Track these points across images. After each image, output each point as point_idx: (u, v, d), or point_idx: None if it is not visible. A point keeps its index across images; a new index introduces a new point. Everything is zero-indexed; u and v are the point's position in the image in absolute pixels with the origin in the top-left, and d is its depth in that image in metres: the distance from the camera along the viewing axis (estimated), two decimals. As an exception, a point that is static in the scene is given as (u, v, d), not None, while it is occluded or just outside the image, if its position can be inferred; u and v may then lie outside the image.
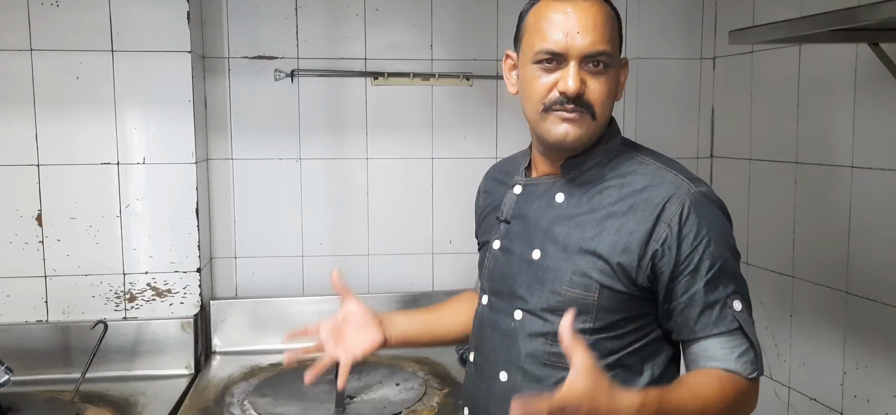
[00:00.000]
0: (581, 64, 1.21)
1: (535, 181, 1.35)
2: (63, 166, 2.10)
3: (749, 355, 1.21)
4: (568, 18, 1.21)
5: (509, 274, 1.33)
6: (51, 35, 2.06)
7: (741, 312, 1.21)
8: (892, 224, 1.75)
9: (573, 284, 1.24)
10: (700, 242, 1.20)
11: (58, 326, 2.11)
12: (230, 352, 2.28)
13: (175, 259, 2.18)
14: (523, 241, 1.32)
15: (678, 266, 1.20)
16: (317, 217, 2.40)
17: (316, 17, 2.34)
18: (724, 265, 1.21)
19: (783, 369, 2.14)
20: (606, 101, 1.25)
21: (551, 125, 1.24)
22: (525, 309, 1.29)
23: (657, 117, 2.44)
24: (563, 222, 1.28)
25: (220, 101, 2.32)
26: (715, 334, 1.21)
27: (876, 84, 1.76)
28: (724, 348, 1.21)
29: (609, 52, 1.22)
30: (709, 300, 1.21)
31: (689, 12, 2.43)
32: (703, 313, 1.21)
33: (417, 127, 2.41)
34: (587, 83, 1.22)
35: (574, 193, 1.29)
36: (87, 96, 2.09)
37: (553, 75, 1.23)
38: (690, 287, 1.21)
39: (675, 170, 1.27)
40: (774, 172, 2.15)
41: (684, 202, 1.21)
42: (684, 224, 1.20)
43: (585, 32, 1.20)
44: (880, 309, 1.79)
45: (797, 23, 1.52)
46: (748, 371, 1.21)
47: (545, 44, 1.22)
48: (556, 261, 1.26)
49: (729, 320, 1.21)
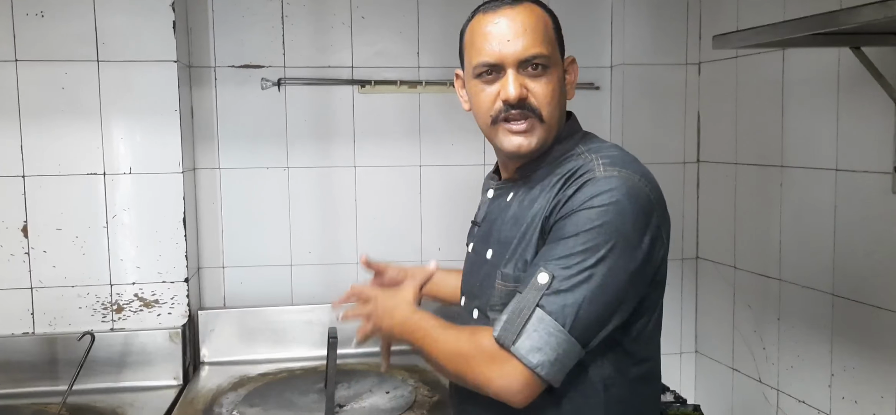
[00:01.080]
0: (519, 70, 1.24)
1: (501, 184, 1.40)
2: (49, 177, 2.09)
3: (501, 320, 1.15)
4: (499, 28, 1.24)
5: (472, 274, 1.39)
6: (36, 45, 2.05)
7: (539, 284, 1.13)
8: (876, 226, 1.76)
9: (504, 277, 1.26)
10: (573, 209, 1.16)
11: (44, 338, 2.10)
12: (219, 362, 2.26)
13: (162, 269, 2.16)
14: (482, 242, 1.37)
15: (551, 230, 1.19)
16: (305, 226, 2.39)
17: (302, 25, 2.34)
18: (570, 241, 1.13)
19: (771, 372, 2.15)
20: (552, 102, 1.26)
21: (503, 138, 1.27)
22: (478, 307, 1.33)
23: (643, 123, 2.45)
24: (508, 220, 1.31)
25: (207, 111, 2.32)
26: (518, 290, 1.18)
27: (858, 87, 1.78)
28: (507, 304, 1.19)
29: (544, 54, 1.24)
30: (535, 262, 1.18)
31: (673, 18, 2.45)
32: (528, 269, 1.20)
33: (405, 134, 2.41)
34: (529, 87, 1.24)
35: (520, 192, 1.32)
36: (72, 106, 2.08)
37: (494, 86, 1.26)
38: (543, 247, 1.20)
39: (603, 156, 1.23)
40: (760, 175, 2.16)
41: (582, 178, 1.19)
42: (573, 194, 1.17)
43: (517, 38, 1.23)
44: (866, 311, 1.80)
45: (780, 27, 1.54)
46: (495, 329, 1.15)
47: (481, 57, 1.26)
48: (498, 257, 1.30)
49: (526, 283, 1.16)
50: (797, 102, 2.01)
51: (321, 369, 2.13)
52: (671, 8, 2.44)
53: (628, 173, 1.19)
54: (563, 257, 1.13)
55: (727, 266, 2.33)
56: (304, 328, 2.32)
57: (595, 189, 1.16)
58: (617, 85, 2.47)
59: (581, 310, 1.12)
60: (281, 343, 2.31)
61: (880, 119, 1.72)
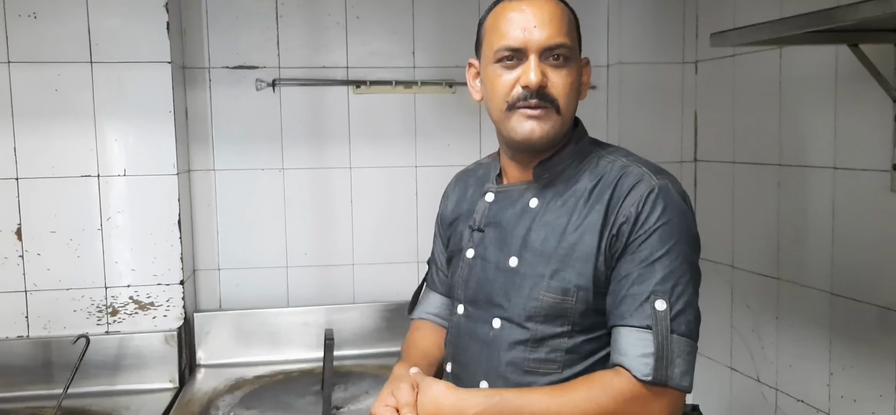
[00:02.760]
0: (541, 58, 1.23)
1: (507, 188, 1.36)
2: (42, 179, 2.07)
3: (649, 359, 1.15)
4: (525, 15, 1.24)
5: (486, 282, 1.32)
6: (28, 47, 2.04)
7: (663, 312, 1.16)
8: (874, 224, 1.75)
9: (551, 289, 1.24)
10: (648, 228, 1.19)
11: (39, 341, 2.08)
12: (215, 365, 2.26)
13: (158, 272, 2.15)
14: (499, 248, 1.31)
15: (625, 249, 1.20)
16: (300, 227, 2.38)
17: (297, 26, 2.33)
18: (664, 259, 1.18)
19: (770, 371, 2.14)
20: (570, 94, 1.26)
21: (516, 123, 1.25)
22: (504, 317, 1.28)
23: (640, 121, 2.45)
24: (539, 227, 1.27)
25: (201, 112, 2.31)
26: (628, 325, 1.17)
27: (856, 85, 1.77)
28: (632, 343, 1.16)
29: (568, 45, 1.24)
30: (634, 290, 1.18)
31: (670, 16, 2.44)
32: (625, 300, 1.19)
33: (400, 135, 2.41)
34: (549, 76, 1.24)
35: (547, 196, 1.29)
36: (66, 108, 2.07)
37: (514, 72, 1.25)
38: (625, 270, 1.19)
39: (643, 164, 1.28)
40: (758, 174, 2.15)
41: (644, 192, 1.21)
42: (640, 211, 1.20)
43: (543, 26, 1.23)
44: (865, 309, 1.80)
45: (777, 24, 1.53)
46: (642, 372, 1.14)
47: (504, 41, 1.25)
48: (534, 267, 1.26)
49: (646, 315, 1.16)
50: (795, 101, 2.00)
51: (318, 371, 2.12)
52: (668, 6, 2.44)
53: (670, 178, 1.26)
54: (665, 278, 1.18)
55: (725, 265, 2.33)
56: (301, 330, 2.31)
57: (661, 202, 1.20)
58: (614, 84, 2.46)
59: (696, 318, 1.21)
60: (277, 345, 2.30)
61: (878, 117, 1.71)
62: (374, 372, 2.14)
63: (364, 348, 2.31)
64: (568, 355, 1.24)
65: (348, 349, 2.30)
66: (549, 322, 1.24)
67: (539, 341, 1.25)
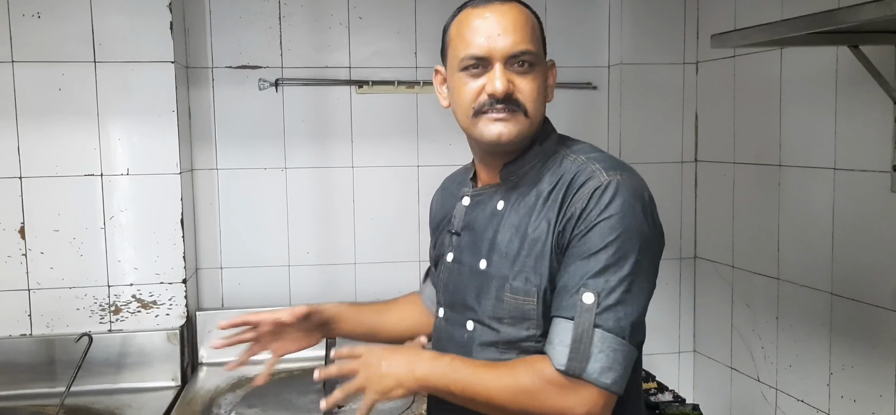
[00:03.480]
0: (506, 65, 1.24)
1: (480, 191, 1.37)
2: (46, 178, 2.08)
3: (565, 349, 1.14)
4: (488, 23, 1.24)
5: (461, 285, 1.34)
6: (33, 46, 2.05)
7: (588, 305, 1.14)
8: (874, 225, 1.76)
9: (514, 290, 1.24)
10: (590, 223, 1.17)
11: (42, 339, 2.09)
12: (217, 363, 2.26)
13: (160, 270, 2.16)
14: (472, 251, 1.33)
15: (568, 244, 1.19)
16: (303, 226, 2.39)
17: (300, 26, 2.34)
18: (601, 253, 1.16)
19: (770, 371, 2.15)
20: (537, 99, 1.26)
21: (484, 127, 1.26)
22: (475, 319, 1.30)
23: (641, 122, 2.45)
24: (505, 229, 1.28)
25: (204, 111, 2.31)
26: (556, 315, 1.17)
27: (856, 86, 1.78)
28: (556, 332, 1.16)
29: (532, 51, 1.25)
30: (567, 281, 1.17)
31: (671, 18, 2.45)
32: (559, 292, 1.18)
33: (403, 134, 2.41)
34: (515, 83, 1.24)
35: (512, 198, 1.30)
36: (69, 107, 2.07)
37: (480, 80, 1.25)
38: (566, 263, 1.19)
39: (599, 160, 1.25)
40: (758, 175, 2.16)
41: (592, 188, 1.20)
42: (585, 206, 1.18)
43: (507, 34, 1.23)
44: (865, 309, 1.80)
45: (778, 26, 1.54)
46: (558, 361, 1.13)
47: (469, 50, 1.25)
48: (500, 269, 1.27)
49: (571, 306, 1.15)
50: (795, 101, 2.01)
51: (320, 370, 2.12)
52: (669, 7, 2.44)
53: (626, 174, 1.22)
54: (599, 272, 1.15)
55: (725, 265, 2.34)
56: (303, 329, 2.31)
57: (606, 197, 1.18)
58: (615, 84, 2.47)
59: (632, 317, 1.15)
60: (279, 344, 2.30)
61: (878, 118, 1.72)
62: (375, 371, 2.15)
63: (366, 346, 2.31)
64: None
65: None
66: (515, 324, 1.24)
67: (509, 344, 1.25)
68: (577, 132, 1.45)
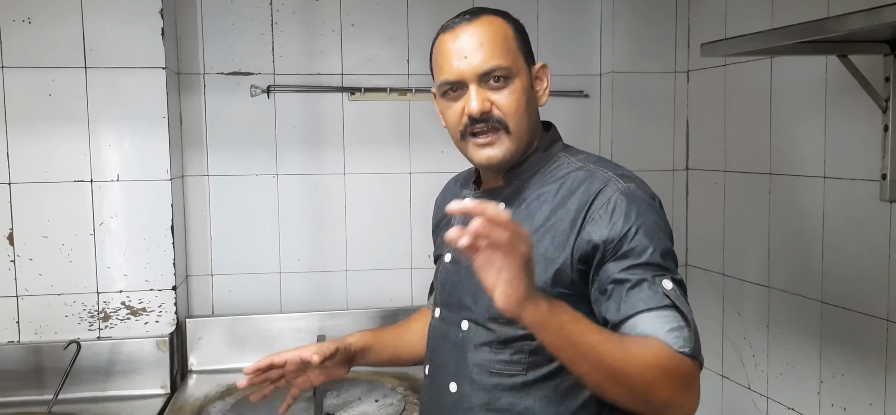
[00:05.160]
0: (480, 83, 1.26)
1: (482, 194, 1.39)
2: (35, 184, 2.07)
3: (683, 332, 1.12)
4: (459, 43, 1.26)
5: (458, 285, 1.35)
6: (23, 52, 2.04)
7: (672, 290, 1.15)
8: (864, 233, 1.77)
9: None
10: (627, 230, 1.18)
11: (29, 346, 2.08)
12: (207, 371, 2.25)
13: (150, 277, 2.15)
14: None
15: (605, 254, 1.19)
16: (294, 233, 2.38)
17: (292, 32, 2.34)
18: (652, 255, 1.17)
19: (761, 379, 2.15)
20: (517, 111, 1.27)
21: (472, 152, 1.29)
22: (470, 319, 1.31)
23: (633, 130, 2.46)
24: None
25: (196, 118, 2.31)
26: (644, 310, 1.14)
27: (845, 95, 1.79)
28: (654, 323, 1.13)
29: (502, 65, 1.26)
30: (636, 278, 1.16)
31: (662, 26, 2.46)
32: (632, 291, 1.16)
33: (395, 142, 2.41)
34: (492, 99, 1.26)
35: (515, 201, 1.32)
36: (60, 113, 2.06)
37: (460, 103, 1.28)
38: (618, 271, 1.17)
39: (609, 169, 1.29)
40: (749, 183, 2.17)
41: (611, 195, 1.22)
42: (612, 214, 1.20)
43: (474, 53, 1.25)
44: (855, 318, 1.81)
45: (767, 35, 1.55)
46: (679, 345, 1.11)
47: (443, 75, 1.28)
48: None
49: (659, 296, 1.14)
50: (785, 110, 2.02)
51: (310, 378, 2.12)
52: (660, 16, 2.46)
53: (636, 178, 1.28)
54: (658, 265, 1.17)
55: (716, 273, 2.34)
56: (294, 336, 2.30)
57: (634, 203, 1.21)
58: (606, 93, 2.48)
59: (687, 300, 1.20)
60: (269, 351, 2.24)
61: (868, 127, 1.73)
62: (366, 378, 2.14)
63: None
64: (532, 357, 1.25)
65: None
66: (511, 324, 1.23)
67: (503, 343, 1.26)
68: (569, 140, 1.45)
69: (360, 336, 1.54)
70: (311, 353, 1.43)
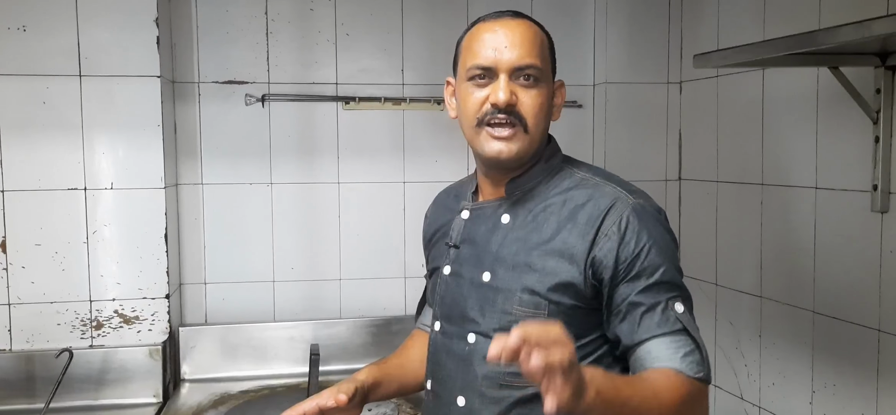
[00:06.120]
0: (511, 77, 1.27)
1: (481, 205, 1.38)
2: (28, 192, 2.07)
3: (695, 356, 1.18)
4: (497, 36, 1.28)
5: (460, 298, 1.34)
6: (17, 59, 2.04)
7: (684, 314, 1.21)
8: (855, 244, 1.78)
9: (523, 303, 1.25)
10: (639, 249, 1.22)
11: (21, 355, 2.07)
12: (200, 379, 2.24)
13: (143, 285, 2.14)
14: (473, 264, 1.33)
15: (618, 274, 1.22)
16: (288, 242, 2.38)
17: (287, 42, 2.34)
18: (665, 273, 1.22)
19: (753, 389, 2.16)
20: (538, 114, 1.28)
21: (484, 142, 1.29)
22: (478, 332, 1.30)
23: (626, 140, 2.47)
24: (511, 243, 1.30)
25: (190, 126, 2.31)
26: (658, 335, 1.19)
27: (837, 107, 1.80)
28: (669, 349, 1.18)
29: (537, 66, 1.28)
30: (650, 303, 1.20)
31: (655, 37, 2.47)
32: (645, 316, 1.20)
33: (389, 151, 2.42)
34: (518, 96, 1.27)
35: (519, 213, 1.32)
36: (54, 121, 2.06)
37: (485, 90, 1.28)
38: (631, 293, 1.21)
39: (615, 183, 1.31)
40: (741, 193, 2.18)
41: (623, 212, 1.24)
42: (624, 233, 1.22)
43: (513, 47, 1.27)
44: (846, 328, 1.82)
45: (759, 47, 1.56)
46: (694, 371, 1.17)
47: (476, 60, 1.29)
48: (506, 281, 1.28)
49: (672, 321, 1.20)
50: (777, 121, 2.03)
51: (303, 386, 2.12)
52: (653, 27, 2.47)
53: (643, 194, 1.31)
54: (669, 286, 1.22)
55: (709, 283, 2.35)
56: (287, 345, 2.30)
57: (646, 221, 1.25)
58: (599, 103, 2.49)
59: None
60: (263, 360, 2.29)
61: (859, 138, 1.74)
62: (359, 388, 2.14)
63: (350, 363, 2.30)
64: None
65: (335, 364, 2.29)
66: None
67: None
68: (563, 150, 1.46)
69: (368, 372, 1.48)
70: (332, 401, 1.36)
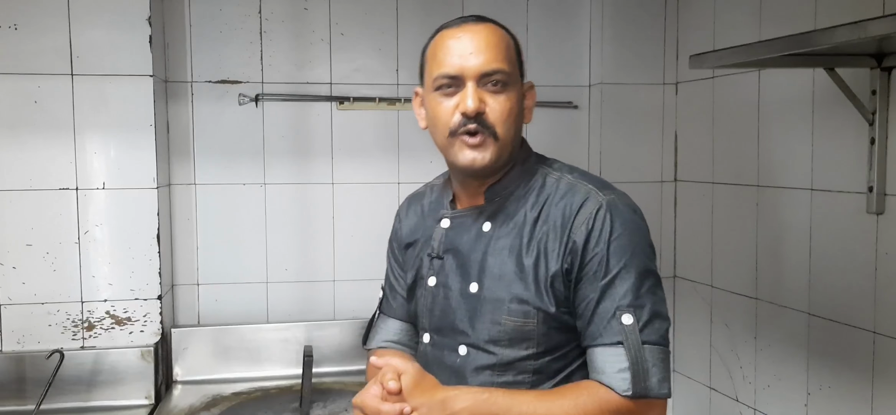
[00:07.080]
0: (479, 84, 1.25)
1: (461, 213, 1.37)
2: (19, 191, 2.05)
3: (626, 375, 1.17)
4: (461, 43, 1.26)
5: (449, 310, 1.33)
6: (8, 58, 2.02)
7: (631, 326, 1.18)
8: (851, 246, 1.77)
9: (512, 312, 1.25)
10: (601, 247, 1.21)
11: (12, 356, 2.05)
12: (192, 381, 2.23)
13: (135, 286, 2.13)
14: (459, 275, 1.32)
15: (581, 271, 1.22)
16: (281, 243, 2.37)
17: (281, 41, 2.33)
18: (623, 273, 1.20)
19: (748, 391, 2.15)
20: (508, 120, 1.27)
21: (458, 152, 1.27)
22: (469, 343, 1.29)
23: (621, 141, 2.46)
24: (494, 252, 1.29)
25: (183, 126, 2.29)
26: (599, 344, 1.20)
27: (832, 108, 1.80)
28: (606, 361, 1.19)
29: (505, 70, 1.26)
30: (600, 309, 1.20)
31: (651, 38, 2.47)
32: (593, 320, 1.21)
33: (383, 152, 2.41)
34: (487, 102, 1.25)
35: (499, 219, 1.31)
36: (45, 120, 2.05)
37: (454, 99, 1.27)
38: (589, 293, 1.22)
39: (588, 181, 1.30)
40: (737, 195, 2.17)
41: (592, 210, 1.23)
42: (591, 231, 1.22)
43: (479, 53, 1.25)
44: (841, 330, 1.81)
45: (755, 47, 1.55)
46: (622, 388, 1.17)
47: (442, 69, 1.27)
48: (494, 291, 1.27)
49: (614, 331, 1.19)
50: (773, 122, 2.03)
51: (296, 388, 2.10)
52: (649, 28, 2.46)
53: (615, 191, 1.28)
54: (627, 292, 1.20)
55: (704, 285, 2.34)
56: (280, 346, 2.29)
57: (610, 217, 1.22)
58: (595, 104, 2.48)
59: (665, 323, 1.23)
60: (256, 361, 2.28)
61: (854, 139, 1.74)
62: (353, 389, 2.13)
63: (344, 365, 2.29)
64: (535, 376, 1.25)
65: (328, 366, 2.28)
66: (513, 345, 1.25)
67: (505, 365, 1.25)
68: (557, 151, 1.45)
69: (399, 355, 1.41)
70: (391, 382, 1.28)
